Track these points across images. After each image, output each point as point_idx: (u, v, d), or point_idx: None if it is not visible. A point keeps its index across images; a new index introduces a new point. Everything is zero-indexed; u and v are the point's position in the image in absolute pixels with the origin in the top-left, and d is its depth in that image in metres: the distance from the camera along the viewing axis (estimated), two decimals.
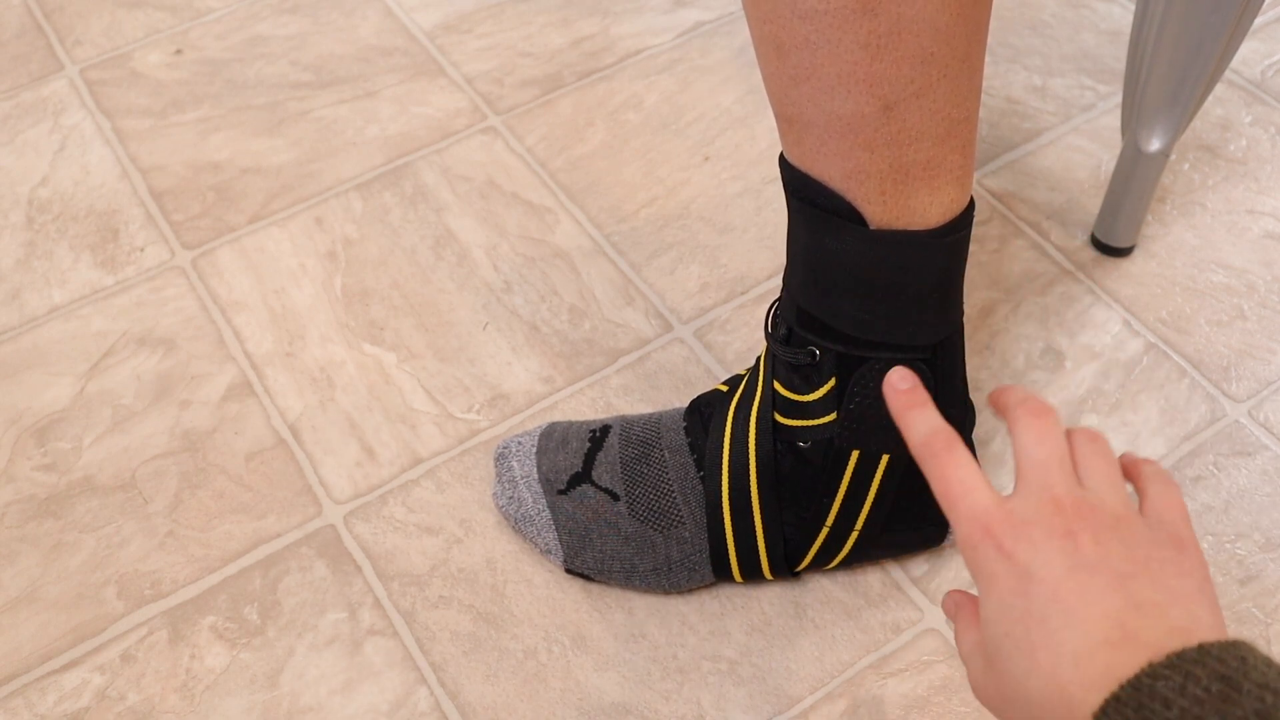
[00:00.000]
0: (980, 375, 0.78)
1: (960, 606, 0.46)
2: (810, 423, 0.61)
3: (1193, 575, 0.40)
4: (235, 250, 0.86)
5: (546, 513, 0.67)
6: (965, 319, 0.81)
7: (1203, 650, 0.35)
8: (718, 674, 0.66)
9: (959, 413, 0.63)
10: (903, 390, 0.47)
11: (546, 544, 0.68)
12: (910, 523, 0.65)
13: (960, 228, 0.55)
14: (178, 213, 0.89)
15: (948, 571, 0.69)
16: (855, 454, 0.61)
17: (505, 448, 0.71)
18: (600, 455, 0.68)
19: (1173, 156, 0.90)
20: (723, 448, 0.65)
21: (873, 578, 0.69)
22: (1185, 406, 0.76)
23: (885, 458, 0.61)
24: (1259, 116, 0.93)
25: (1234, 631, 0.67)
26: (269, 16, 1.03)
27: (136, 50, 1.01)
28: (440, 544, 0.71)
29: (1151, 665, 0.35)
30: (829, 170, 0.53)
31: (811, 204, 0.55)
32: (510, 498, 0.69)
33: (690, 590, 0.69)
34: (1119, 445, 0.75)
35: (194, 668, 0.67)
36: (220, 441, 0.76)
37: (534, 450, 0.70)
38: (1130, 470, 0.47)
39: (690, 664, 0.66)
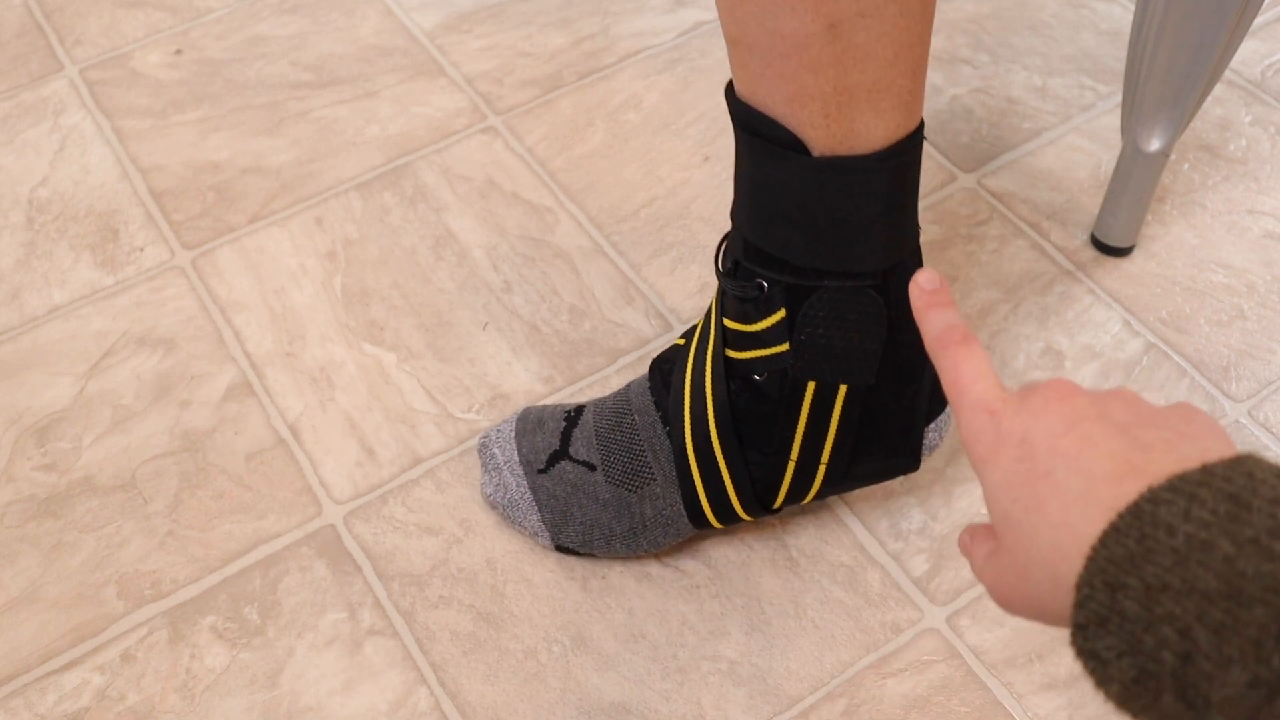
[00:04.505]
0: None
1: (975, 533, 0.45)
2: (763, 352, 0.61)
3: (1204, 422, 0.38)
4: (235, 250, 0.86)
5: (528, 494, 0.68)
6: (964, 317, 0.81)
7: (1206, 470, 0.33)
8: (718, 674, 0.66)
9: (919, 339, 0.61)
10: (928, 290, 0.46)
11: (533, 526, 0.68)
12: (879, 453, 0.65)
13: (905, 151, 0.54)
14: (178, 213, 0.89)
15: (948, 571, 0.70)
16: (812, 385, 0.61)
17: (486, 437, 0.71)
18: (576, 432, 0.68)
19: (1173, 156, 0.90)
20: (683, 396, 0.65)
21: (872, 577, 0.69)
22: None
23: (843, 388, 0.61)
24: (1259, 116, 0.93)
25: None
26: (269, 16, 1.03)
27: (136, 50, 1.01)
28: (440, 544, 0.71)
29: (1152, 490, 0.33)
30: (773, 94, 0.53)
31: (755, 134, 0.55)
32: (497, 484, 0.69)
33: (680, 545, 0.69)
34: None
35: (194, 668, 0.67)
36: (220, 441, 0.76)
37: (513, 434, 0.70)
38: None
39: (690, 664, 0.66)
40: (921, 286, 0.46)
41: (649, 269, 0.85)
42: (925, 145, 0.92)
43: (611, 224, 0.87)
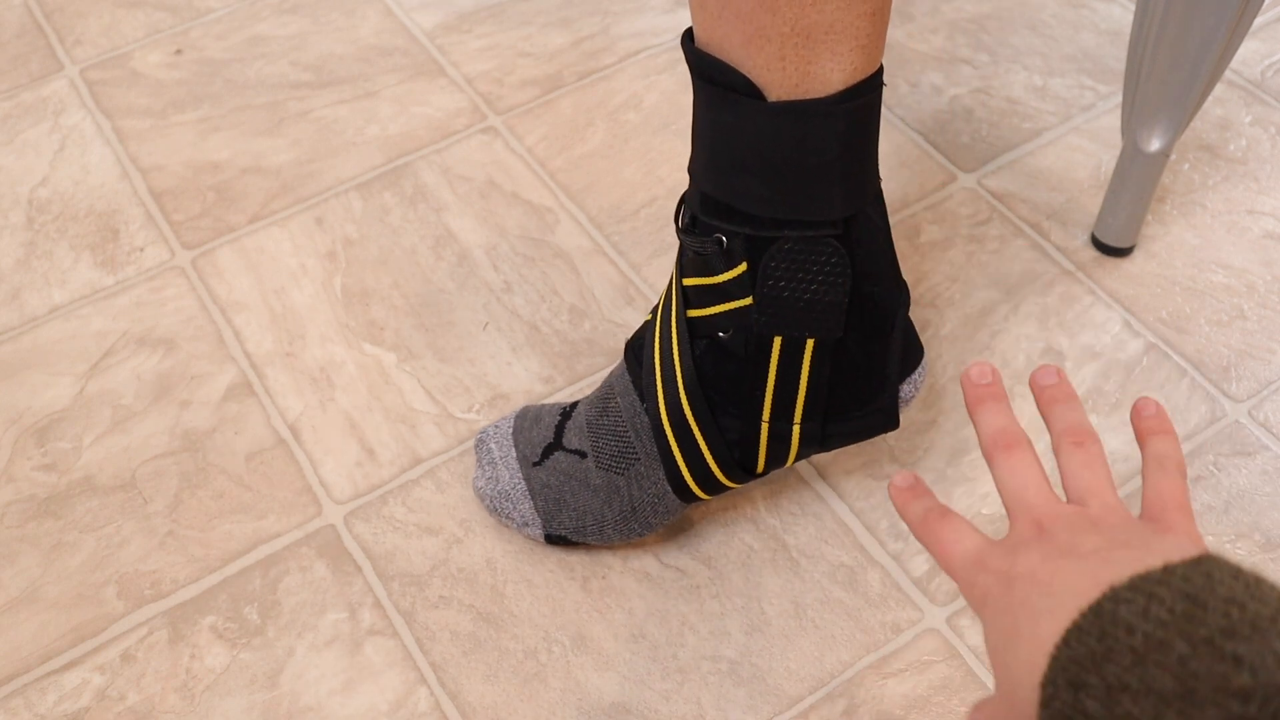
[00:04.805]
0: None
1: (980, 706, 0.46)
2: (726, 306, 0.60)
3: (1174, 538, 0.39)
4: (235, 250, 0.87)
5: (522, 485, 0.68)
6: (965, 317, 0.81)
7: (1167, 570, 0.34)
8: (718, 674, 0.66)
9: (887, 291, 0.61)
10: (904, 489, 0.49)
11: (524, 516, 0.68)
12: (854, 410, 0.64)
13: (863, 93, 0.54)
14: (178, 213, 0.89)
15: None
16: (778, 341, 0.60)
17: (484, 433, 0.72)
18: (569, 424, 0.68)
19: (1173, 156, 0.90)
20: (654, 366, 0.64)
21: (872, 577, 0.69)
22: (1185, 406, 0.76)
23: (811, 343, 0.60)
24: (1259, 116, 0.93)
25: None
26: (269, 16, 1.04)
27: (136, 50, 1.01)
28: (440, 544, 0.71)
29: (1114, 588, 0.34)
30: (730, 36, 0.52)
31: (710, 81, 0.54)
32: (489, 478, 0.70)
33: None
34: (1119, 447, 0.75)
35: (194, 668, 0.67)
36: (220, 441, 0.76)
37: (510, 431, 0.70)
38: (1137, 429, 0.48)
39: (690, 664, 0.66)
40: (899, 487, 0.50)
41: (649, 269, 0.85)
42: (925, 145, 0.92)
43: (611, 224, 0.87)
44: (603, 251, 0.86)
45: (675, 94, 0.96)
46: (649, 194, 0.89)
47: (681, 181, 0.90)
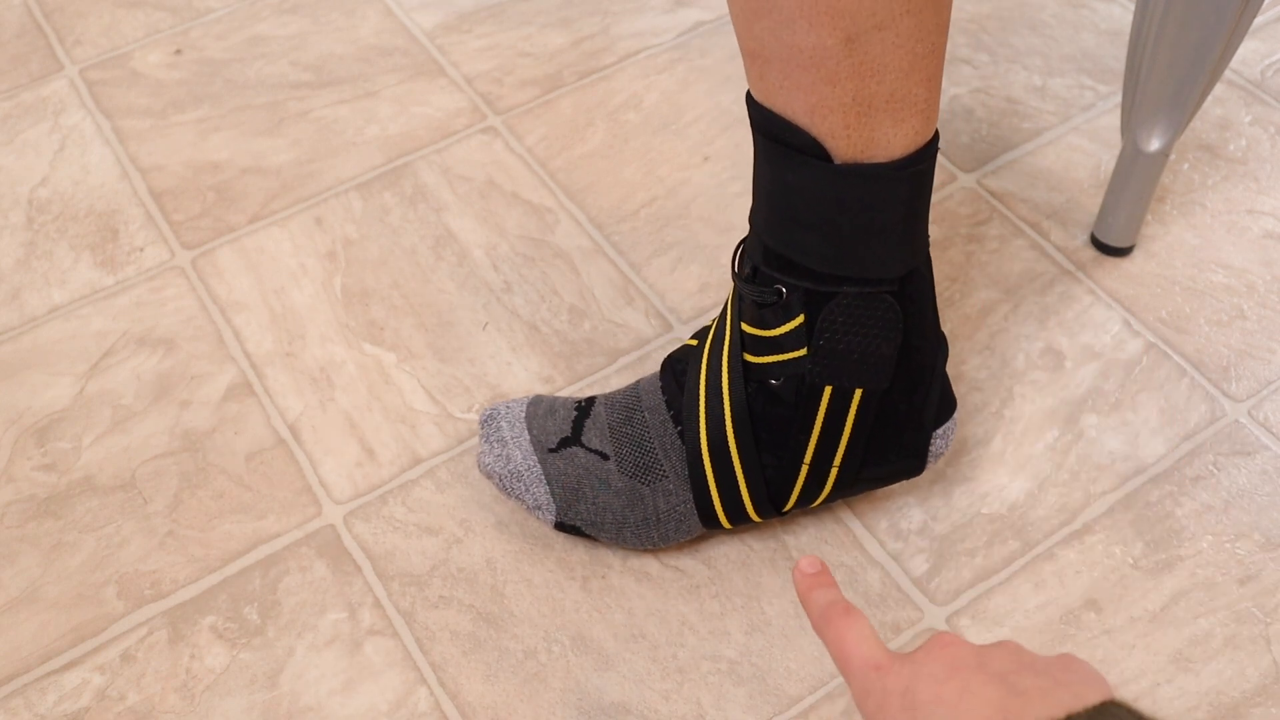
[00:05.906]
0: (980, 375, 0.78)
1: None
2: (781, 357, 0.61)
3: (1083, 670, 0.40)
4: (235, 250, 0.87)
5: (537, 468, 0.68)
6: (964, 317, 0.81)
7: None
8: (718, 674, 0.66)
9: (930, 344, 0.63)
10: (810, 574, 0.51)
11: (537, 499, 0.68)
12: (890, 456, 0.65)
13: (924, 159, 0.55)
14: (178, 213, 0.89)
15: (948, 571, 0.70)
16: (828, 390, 0.61)
17: (494, 410, 0.71)
18: (588, 422, 0.68)
19: (1172, 156, 0.90)
20: (698, 397, 0.65)
21: (872, 577, 0.69)
22: (1185, 406, 0.76)
23: (859, 392, 0.62)
24: (1259, 116, 0.93)
25: (1233, 631, 0.67)
26: (269, 16, 1.04)
27: (136, 50, 1.01)
28: (440, 544, 0.71)
29: None
30: (793, 105, 0.53)
31: (776, 140, 0.55)
32: (498, 455, 0.69)
33: (680, 545, 0.69)
34: (1119, 446, 0.75)
35: (194, 668, 0.67)
36: (220, 441, 0.76)
37: (523, 415, 0.70)
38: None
39: (690, 664, 0.66)
40: (804, 571, 0.51)
41: (649, 269, 0.85)
42: None
43: (611, 224, 0.87)
44: (602, 251, 0.86)
45: (675, 94, 0.96)
46: (649, 194, 0.89)
47: (681, 181, 0.90)
